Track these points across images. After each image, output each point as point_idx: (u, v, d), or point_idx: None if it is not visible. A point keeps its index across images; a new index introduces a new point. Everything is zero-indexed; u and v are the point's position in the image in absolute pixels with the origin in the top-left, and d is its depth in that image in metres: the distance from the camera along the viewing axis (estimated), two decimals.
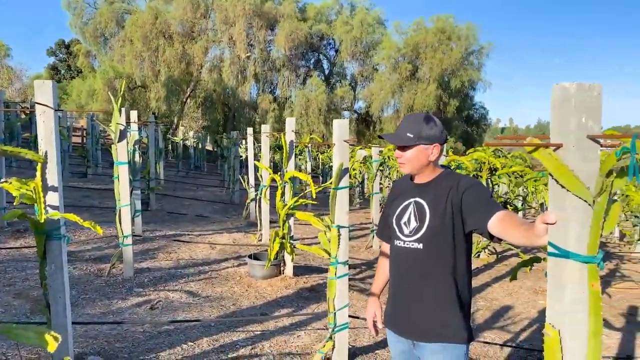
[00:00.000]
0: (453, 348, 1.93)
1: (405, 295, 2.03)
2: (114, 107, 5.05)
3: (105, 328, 3.91)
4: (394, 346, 2.14)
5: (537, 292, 6.04)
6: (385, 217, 2.19)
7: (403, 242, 2.02)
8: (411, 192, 2.05)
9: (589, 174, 1.36)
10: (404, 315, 2.04)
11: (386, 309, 2.16)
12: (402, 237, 2.02)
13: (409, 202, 2.04)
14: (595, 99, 1.35)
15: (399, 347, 2.11)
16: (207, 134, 26.95)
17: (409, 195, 2.06)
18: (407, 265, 2.02)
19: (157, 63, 25.22)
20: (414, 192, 2.04)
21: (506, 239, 1.73)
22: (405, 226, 2.02)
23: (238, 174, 11.55)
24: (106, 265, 5.46)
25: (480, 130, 33.28)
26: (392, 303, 2.11)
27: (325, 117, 27.30)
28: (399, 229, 2.05)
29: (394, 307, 2.09)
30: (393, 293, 2.10)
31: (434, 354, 1.94)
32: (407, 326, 2.03)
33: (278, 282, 5.52)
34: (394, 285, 2.10)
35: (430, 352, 1.95)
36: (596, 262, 1.34)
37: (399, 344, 2.10)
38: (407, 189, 2.09)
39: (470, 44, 28.03)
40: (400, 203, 2.08)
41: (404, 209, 2.05)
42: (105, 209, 8.80)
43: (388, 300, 2.13)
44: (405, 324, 2.04)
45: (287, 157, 5.84)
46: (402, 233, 2.02)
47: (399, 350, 2.12)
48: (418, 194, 2.02)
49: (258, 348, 3.72)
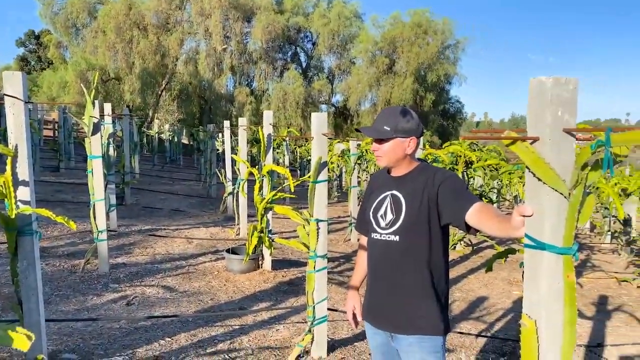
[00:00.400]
0: (429, 340, 1.94)
1: (382, 287, 2.04)
2: (87, 99, 4.94)
3: (80, 325, 3.84)
4: (372, 338, 2.15)
5: (511, 283, 6.16)
6: (363, 211, 2.20)
7: (380, 235, 2.03)
8: (388, 185, 2.06)
9: (565, 166, 1.38)
10: (381, 307, 2.05)
11: (364, 301, 2.17)
12: (379, 230, 2.03)
13: (385, 195, 2.05)
14: (571, 93, 1.37)
15: (377, 340, 2.12)
16: (183, 127, 26.59)
17: (385, 188, 2.07)
18: (383, 257, 2.03)
19: (131, 55, 24.73)
20: (391, 185, 2.05)
21: (483, 230, 1.74)
22: (381, 219, 2.03)
23: (215, 168, 11.44)
24: (80, 261, 5.36)
25: (456, 124, 33.65)
26: (369, 296, 2.12)
27: (303, 111, 27.23)
28: (375, 221, 2.05)
29: (372, 299, 2.10)
30: (370, 286, 2.11)
31: (411, 345, 1.96)
32: (384, 318, 2.04)
33: (256, 276, 5.50)
34: (371, 278, 2.11)
35: (407, 344, 1.97)
36: (571, 253, 1.37)
37: (376, 337, 2.11)
38: (384, 182, 2.10)
39: (446, 38, 28.25)
40: (377, 196, 2.08)
41: (380, 201, 2.06)
42: (79, 204, 8.62)
43: (366, 293, 2.14)
44: (383, 317, 2.05)
45: (264, 151, 5.80)
46: (379, 226, 2.03)
47: (377, 343, 2.13)
48: (395, 187, 2.03)
49: (237, 342, 3.70)
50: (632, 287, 6.34)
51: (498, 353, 3.94)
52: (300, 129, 26.65)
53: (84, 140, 5.24)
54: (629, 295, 5.97)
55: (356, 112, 29.77)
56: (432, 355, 1.94)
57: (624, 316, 5.17)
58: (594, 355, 4.07)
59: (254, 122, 23.77)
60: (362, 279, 2.30)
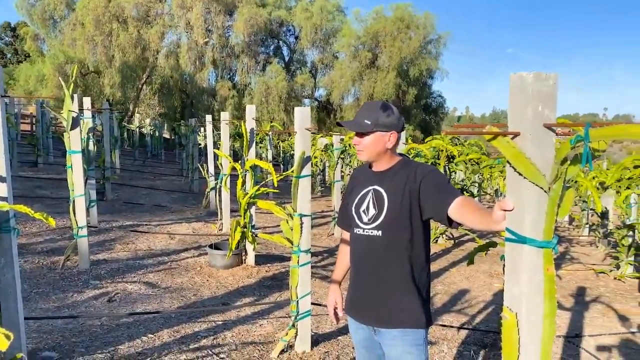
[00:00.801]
0: (412, 333, 1.96)
1: (365, 282, 2.05)
2: (66, 93, 4.85)
3: (60, 322, 3.79)
4: (355, 333, 2.16)
5: (492, 276, 6.24)
6: (345, 206, 2.21)
7: (362, 230, 2.03)
8: (370, 180, 2.07)
9: (545, 161, 1.40)
10: (364, 302, 2.06)
11: (347, 296, 2.18)
12: (361, 225, 2.04)
13: (367, 190, 2.06)
14: (551, 88, 1.39)
15: (360, 334, 2.13)
16: (165, 122, 26.27)
17: (367, 183, 2.07)
18: (366, 252, 2.04)
19: (110, 48, 24.31)
20: (373, 180, 2.06)
21: (465, 223, 1.76)
22: (364, 214, 2.03)
23: (197, 163, 11.35)
24: (60, 257, 5.28)
25: (438, 118, 33.83)
26: (352, 290, 2.13)
27: (286, 105, 27.11)
28: (357, 216, 2.06)
29: (354, 294, 2.11)
30: (353, 280, 2.12)
31: (394, 339, 1.98)
32: (366, 313, 2.05)
33: (240, 271, 5.48)
34: (354, 273, 2.12)
35: (390, 337, 1.99)
36: (551, 246, 1.39)
37: (359, 331, 2.12)
38: (366, 178, 2.11)
39: (428, 32, 28.34)
40: (359, 191, 2.09)
41: (362, 197, 2.06)
42: (58, 200, 8.48)
43: (348, 287, 2.15)
44: (365, 311, 2.06)
45: (247, 145, 5.77)
46: (361, 221, 2.04)
47: (360, 337, 2.14)
48: (376, 182, 2.04)
49: (220, 338, 3.69)
50: (609, 278, 6.47)
51: (479, 345, 4.00)
52: (283, 123, 26.55)
53: (63, 135, 5.15)
54: (606, 287, 6.10)
55: (339, 107, 29.75)
56: (415, 347, 1.96)
57: (601, 307, 5.29)
58: (572, 345, 4.15)
59: (236, 117, 23.61)
60: (344, 273, 2.31)
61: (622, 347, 4.21)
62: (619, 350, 4.12)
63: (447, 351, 3.83)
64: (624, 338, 4.41)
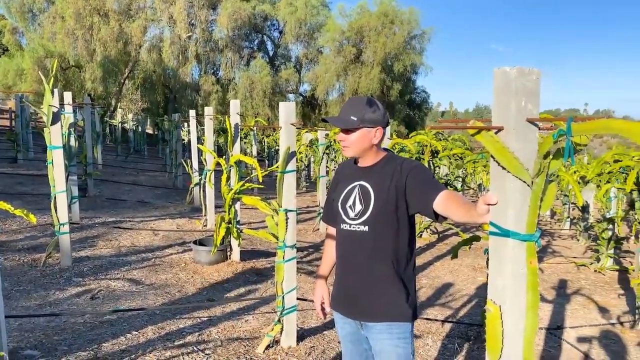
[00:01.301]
0: (398, 326, 1.98)
1: (352, 277, 2.06)
2: (46, 87, 4.76)
3: (42, 320, 3.73)
4: (342, 328, 2.17)
5: (476, 269, 6.31)
6: (330, 202, 2.21)
7: (349, 226, 2.04)
8: (355, 176, 2.07)
9: (528, 155, 1.41)
10: (351, 296, 2.07)
11: (333, 291, 2.18)
12: (348, 221, 2.05)
13: (353, 185, 2.06)
14: (534, 83, 1.40)
15: (346, 329, 2.14)
16: (147, 117, 25.99)
17: (353, 178, 2.08)
18: (353, 247, 2.04)
19: (91, 42, 23.91)
20: (359, 176, 2.06)
21: (450, 217, 1.78)
22: (350, 209, 2.04)
23: (181, 158, 11.25)
24: (41, 255, 5.20)
25: (422, 113, 33.99)
26: (338, 285, 2.14)
27: (270, 100, 27.00)
28: (344, 212, 2.07)
29: (341, 289, 2.12)
30: (339, 275, 2.13)
31: (380, 333, 1.99)
32: (353, 307, 2.06)
33: (225, 267, 5.46)
34: (340, 268, 2.13)
35: (377, 331, 2.00)
36: (534, 240, 1.41)
37: (346, 326, 2.14)
38: (351, 173, 2.11)
39: (412, 28, 28.40)
40: (345, 187, 2.10)
41: (348, 192, 2.07)
42: (39, 196, 8.34)
43: (335, 282, 2.16)
44: (352, 306, 2.07)
45: (232, 141, 5.73)
46: (348, 216, 2.05)
47: (346, 332, 2.15)
48: (362, 178, 2.04)
49: (205, 334, 3.68)
50: (590, 271, 6.59)
51: (463, 338, 4.04)
52: (268, 118, 26.45)
53: (43, 130, 5.06)
54: (587, 279, 6.21)
55: (324, 102, 29.71)
56: (401, 341, 1.98)
57: (582, 299, 5.38)
58: (554, 337, 4.22)
59: (220, 112, 23.44)
60: (330, 268, 2.31)
61: (602, 338, 4.29)
62: (599, 341, 4.20)
63: (431, 344, 3.87)
64: (603, 329, 4.50)
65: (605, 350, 4.03)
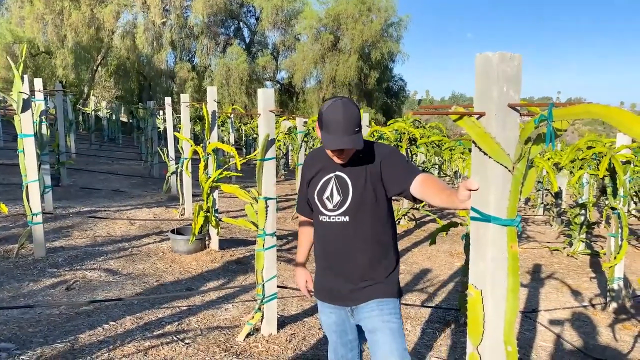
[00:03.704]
0: (387, 302, 2.02)
1: (338, 267, 2.06)
2: (15, 73, 4.61)
3: (16, 312, 3.65)
4: (328, 318, 2.16)
5: (453, 255, 6.40)
6: (304, 193, 2.18)
7: (328, 217, 2.03)
8: (330, 167, 2.04)
9: (509, 141, 1.42)
10: (338, 287, 2.07)
11: (317, 282, 2.18)
12: (327, 212, 2.03)
13: (329, 176, 2.04)
14: (516, 68, 1.41)
15: (332, 317, 2.14)
16: (122, 105, 25.45)
17: (328, 169, 2.05)
18: (336, 239, 2.04)
19: (62, 27, 23.22)
20: (334, 166, 2.03)
21: (429, 201, 1.79)
22: (328, 201, 2.02)
23: (156, 146, 11.07)
24: (14, 246, 5.07)
25: (399, 101, 34.13)
26: (323, 277, 2.14)
27: (247, 88, 26.73)
28: (321, 204, 2.05)
29: (327, 280, 2.11)
30: (324, 267, 2.12)
31: (371, 310, 2.01)
32: (342, 295, 2.07)
33: (203, 256, 5.42)
34: (324, 259, 2.12)
35: (368, 310, 2.02)
36: (515, 224, 1.42)
37: (332, 315, 2.14)
38: (325, 164, 2.06)
39: (389, 15, 28.36)
40: (320, 178, 2.07)
41: (325, 183, 2.04)
42: (10, 186, 8.13)
43: (318, 274, 2.17)
44: (340, 293, 2.07)
45: (209, 128, 5.66)
46: (326, 208, 2.03)
47: (332, 321, 2.15)
48: (338, 168, 2.02)
49: (185, 324, 3.65)
50: (563, 255, 6.75)
51: (441, 322, 4.11)
52: (245, 106, 26.19)
53: (13, 118, 4.91)
54: (560, 264, 6.37)
55: (302, 90, 29.56)
56: (392, 316, 2.01)
57: (556, 283, 5.52)
58: (529, 320, 4.32)
59: (196, 99, 23.13)
60: (307, 254, 2.35)
61: (574, 320, 4.41)
62: (571, 323, 4.32)
63: (410, 329, 3.91)
64: (576, 312, 4.62)
65: (577, 331, 4.15)
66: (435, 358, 3.43)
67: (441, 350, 3.57)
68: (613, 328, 4.25)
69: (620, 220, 4.40)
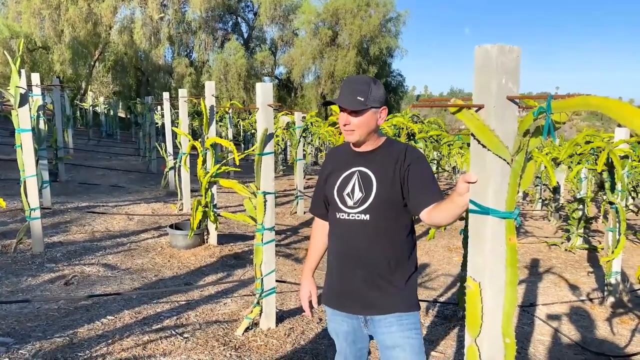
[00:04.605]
0: (408, 317, 1.89)
1: (353, 270, 1.91)
2: (12, 68, 4.59)
3: (15, 307, 3.65)
4: (339, 325, 2.01)
5: (451, 250, 6.42)
6: (320, 191, 2.06)
7: (347, 215, 1.89)
8: (353, 161, 1.93)
9: (508, 133, 1.42)
10: (352, 291, 1.91)
11: (328, 286, 2.01)
12: (346, 209, 1.90)
13: (351, 171, 1.92)
14: (515, 61, 1.41)
15: (344, 326, 1.99)
16: (119, 100, 25.40)
17: (350, 164, 1.94)
18: (352, 238, 1.89)
19: (59, 22, 23.12)
20: (357, 161, 1.92)
21: (435, 224, 1.78)
22: (348, 197, 1.90)
23: (154, 142, 11.05)
24: (12, 241, 5.06)
25: (398, 97, 34.08)
26: (336, 280, 1.97)
27: (245, 83, 26.68)
28: (341, 200, 1.91)
29: (340, 284, 1.95)
30: (337, 269, 1.97)
31: (391, 325, 1.88)
32: (357, 302, 1.91)
33: (202, 251, 5.42)
34: (337, 261, 1.96)
35: (386, 324, 1.88)
36: (513, 217, 1.42)
37: (344, 323, 1.98)
38: (347, 158, 1.96)
39: (387, 10, 28.30)
40: (341, 174, 1.95)
41: (346, 179, 1.92)
42: (8, 181, 8.11)
43: (330, 277, 2.01)
44: (355, 300, 1.92)
45: (207, 123, 5.65)
46: (345, 205, 1.90)
47: (344, 329, 2.00)
48: (362, 163, 1.91)
49: (183, 318, 3.65)
50: (561, 250, 6.77)
51: (440, 316, 4.12)
52: (243, 101, 26.15)
53: (10, 114, 4.89)
54: (558, 258, 6.38)
55: (300, 85, 29.52)
56: (413, 332, 1.89)
57: (553, 277, 5.53)
58: (527, 314, 4.33)
59: (194, 95, 23.03)
60: (317, 262, 2.17)
61: (572, 314, 4.43)
62: (569, 317, 4.34)
63: None
64: (574, 306, 4.64)
65: (575, 325, 4.16)
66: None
67: (439, 344, 3.58)
68: (610, 322, 4.26)
69: (618, 214, 4.41)
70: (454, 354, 3.43)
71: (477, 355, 1.51)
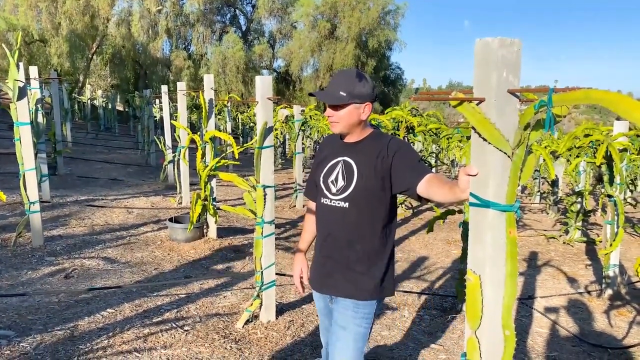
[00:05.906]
0: (365, 306, 2.00)
1: (328, 252, 2.06)
2: (10, 61, 4.58)
3: (15, 300, 3.66)
4: (317, 301, 2.22)
5: (450, 243, 6.43)
6: (313, 176, 2.18)
7: (329, 201, 2.02)
8: (340, 151, 2.04)
9: (509, 126, 1.42)
10: (326, 271, 2.07)
11: (311, 270, 2.20)
12: (329, 196, 2.02)
13: (337, 160, 2.03)
14: (515, 54, 1.40)
15: (320, 302, 2.19)
16: (117, 93, 25.32)
17: (337, 154, 2.05)
18: (332, 223, 2.03)
19: (56, 15, 23.00)
20: (343, 151, 2.03)
21: (433, 198, 1.79)
22: (332, 185, 2.02)
23: (153, 135, 11.03)
24: (11, 234, 5.07)
25: (397, 90, 34.05)
26: (315, 259, 2.15)
27: (244, 76, 26.63)
28: (325, 187, 2.04)
29: (317, 264, 2.12)
30: (318, 250, 2.13)
31: (346, 309, 2.01)
32: (326, 281, 2.08)
33: (201, 244, 5.43)
34: (319, 243, 2.13)
35: (343, 306, 2.02)
36: (514, 210, 1.43)
37: (320, 300, 2.18)
38: (335, 148, 2.08)
39: (386, 3, 28.20)
40: (329, 162, 2.07)
41: (331, 167, 2.04)
42: (7, 175, 8.10)
43: (313, 261, 2.18)
44: (325, 280, 2.08)
45: (206, 117, 5.64)
46: (329, 191, 2.02)
47: (320, 305, 2.20)
48: (347, 153, 2.01)
49: (184, 311, 3.66)
50: (559, 243, 6.79)
51: (439, 309, 4.14)
52: (242, 95, 26.11)
53: (9, 107, 4.88)
54: (556, 251, 6.41)
55: (298, 78, 29.45)
56: (364, 320, 2.01)
57: (552, 270, 5.55)
58: (525, 307, 4.36)
59: (192, 88, 22.98)
60: (309, 242, 2.32)
61: (570, 306, 4.45)
62: (567, 310, 4.36)
63: (407, 316, 3.95)
64: (572, 298, 4.66)
65: (573, 318, 4.18)
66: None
67: (439, 336, 3.60)
68: (608, 314, 4.29)
69: (616, 207, 4.42)
70: (453, 346, 3.45)
71: (477, 347, 1.53)
